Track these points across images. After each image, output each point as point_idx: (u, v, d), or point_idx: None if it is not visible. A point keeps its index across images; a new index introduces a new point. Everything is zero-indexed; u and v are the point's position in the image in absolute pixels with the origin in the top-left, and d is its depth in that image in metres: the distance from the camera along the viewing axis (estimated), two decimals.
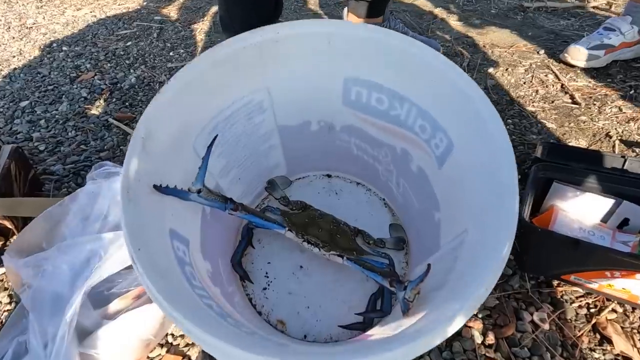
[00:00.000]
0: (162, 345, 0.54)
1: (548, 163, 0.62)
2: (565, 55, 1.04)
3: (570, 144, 0.83)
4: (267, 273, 0.61)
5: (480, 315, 0.57)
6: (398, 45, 0.40)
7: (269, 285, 0.59)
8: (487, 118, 0.35)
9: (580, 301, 0.58)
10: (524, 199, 0.57)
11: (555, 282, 0.59)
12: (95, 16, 1.54)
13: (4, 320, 0.56)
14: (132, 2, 1.63)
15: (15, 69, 1.27)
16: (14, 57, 1.33)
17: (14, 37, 1.46)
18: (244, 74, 0.43)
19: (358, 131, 0.56)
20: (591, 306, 0.57)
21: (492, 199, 0.33)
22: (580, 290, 0.58)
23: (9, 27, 1.53)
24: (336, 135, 0.59)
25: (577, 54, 1.01)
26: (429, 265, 0.36)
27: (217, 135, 0.42)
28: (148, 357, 0.52)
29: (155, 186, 0.37)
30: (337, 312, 0.55)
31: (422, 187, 0.52)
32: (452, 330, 0.28)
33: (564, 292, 0.59)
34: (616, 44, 0.99)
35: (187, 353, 0.53)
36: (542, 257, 0.56)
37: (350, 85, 0.48)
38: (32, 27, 1.52)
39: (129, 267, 0.55)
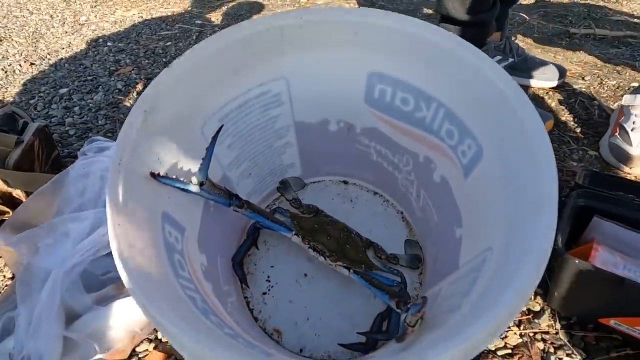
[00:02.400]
0: (150, 341, 0.51)
1: (590, 190, 0.56)
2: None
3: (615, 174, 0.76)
4: (269, 277, 0.57)
5: (500, 354, 0.50)
6: (431, 39, 0.37)
7: (269, 290, 0.56)
8: (525, 119, 0.30)
9: (619, 351, 0.50)
10: (560, 227, 0.51)
11: (590, 325, 0.52)
12: (141, 17, 1.62)
13: None
14: (177, 7, 1.71)
15: (61, 59, 1.34)
16: (62, 49, 1.41)
17: (66, 32, 1.56)
18: (263, 59, 0.41)
19: (379, 135, 0.52)
20: (631, 358, 0.49)
21: (525, 212, 0.28)
22: (620, 337, 0.50)
23: (64, 23, 1.64)
24: (355, 138, 0.55)
25: None
26: (424, 298, 0.32)
27: (222, 126, 0.40)
28: (134, 351, 0.50)
29: (152, 174, 0.35)
30: (338, 329, 0.51)
31: (444, 200, 0.47)
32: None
33: (600, 338, 0.51)
34: None
35: (175, 353, 0.50)
36: (577, 295, 0.49)
37: (374, 81, 0.45)
38: (84, 24, 1.62)
39: None
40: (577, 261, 0.46)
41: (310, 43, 0.41)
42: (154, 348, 0.50)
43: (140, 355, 0.50)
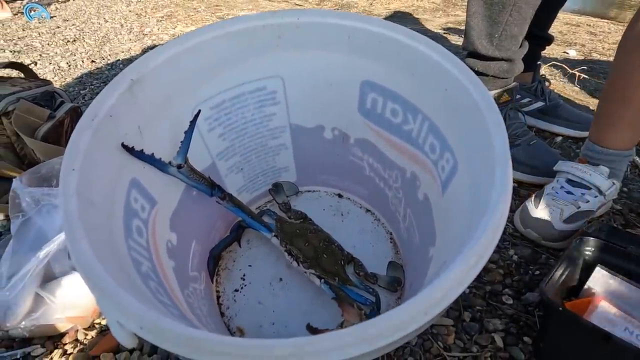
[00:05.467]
0: None
1: (596, 239, 0.51)
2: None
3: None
4: (244, 275, 0.56)
5: None
6: (417, 48, 0.37)
7: (242, 288, 0.55)
8: (491, 129, 0.29)
9: None
10: (552, 273, 0.47)
11: None
12: None
13: None
14: None
15: (118, 60, 1.48)
16: (122, 52, 1.57)
17: (130, 39, 1.74)
18: (258, 54, 0.43)
19: (371, 147, 0.52)
20: None
21: (478, 216, 0.27)
22: None
23: (131, 31, 1.83)
24: (350, 149, 0.55)
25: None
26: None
27: (200, 111, 0.41)
28: (93, 323, 0.50)
29: (124, 146, 0.35)
30: None
31: (424, 219, 0.45)
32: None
33: None
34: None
35: None
36: (563, 348, 0.44)
37: (367, 89, 0.45)
38: (147, 34, 1.80)
39: None
40: (562, 310, 0.41)
41: (306, 44, 0.43)
42: None
43: (102, 328, 0.50)
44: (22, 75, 0.81)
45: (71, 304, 0.47)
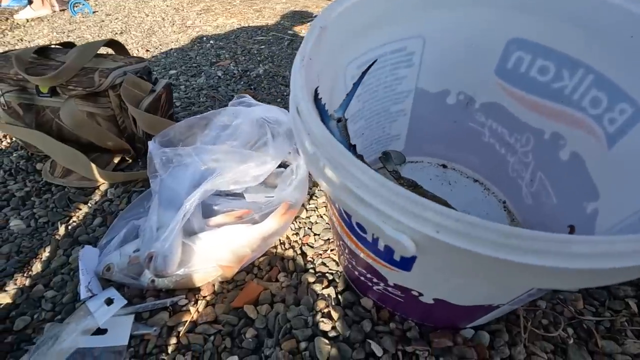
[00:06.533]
0: (247, 272, 0.52)
1: None
2: None
3: None
4: None
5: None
6: None
7: None
8: None
9: None
10: None
11: None
12: (240, 24, 1.79)
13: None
14: (271, 20, 1.87)
15: (171, 49, 1.50)
16: (172, 42, 1.59)
17: (174, 31, 1.76)
18: (409, 10, 0.44)
19: (499, 110, 0.52)
20: None
21: None
22: None
23: (173, 24, 1.86)
24: (472, 114, 0.56)
25: None
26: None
27: (376, 60, 0.42)
28: (233, 279, 0.51)
29: (316, 92, 0.37)
30: None
31: (571, 178, 0.45)
32: None
33: None
34: None
35: (270, 287, 0.50)
36: None
37: (512, 48, 0.46)
38: (190, 27, 1.82)
39: (237, 194, 0.57)
40: None
41: (454, 1, 0.44)
42: (252, 280, 0.51)
43: (238, 283, 0.51)
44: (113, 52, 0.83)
45: (218, 253, 0.48)
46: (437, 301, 0.37)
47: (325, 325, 0.45)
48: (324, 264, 0.55)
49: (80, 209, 0.64)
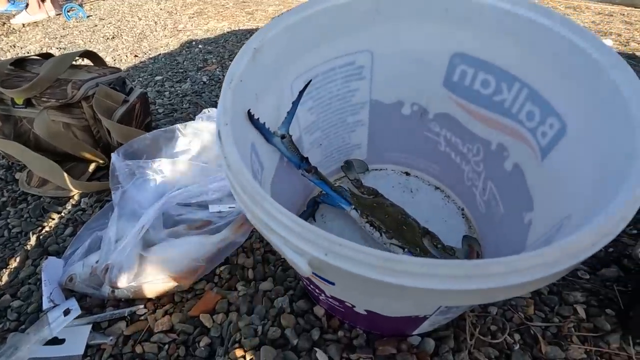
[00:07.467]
0: (207, 282, 0.54)
1: None
2: None
3: None
4: None
5: None
6: (526, 15, 0.38)
7: None
8: (618, 82, 0.30)
9: None
10: None
11: None
12: (230, 28, 1.80)
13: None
14: (263, 23, 1.88)
15: (159, 54, 1.52)
16: (161, 47, 1.61)
17: (166, 35, 1.78)
18: (355, 26, 0.45)
19: (451, 121, 0.53)
20: None
21: (617, 167, 0.28)
22: None
23: (165, 28, 1.88)
24: (427, 124, 0.57)
25: None
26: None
27: (310, 80, 0.44)
28: (192, 287, 0.53)
29: (249, 113, 0.39)
30: None
31: (513, 188, 0.46)
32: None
33: None
34: None
35: (228, 296, 0.52)
36: None
37: (456, 62, 0.47)
38: (181, 30, 1.84)
39: (200, 204, 0.59)
40: None
41: (401, 17, 0.44)
42: (210, 289, 0.53)
43: (197, 292, 0.53)
44: (91, 63, 0.85)
45: (172, 265, 0.50)
46: (369, 312, 0.39)
47: (274, 334, 0.47)
48: (284, 270, 0.56)
49: (53, 219, 0.66)
